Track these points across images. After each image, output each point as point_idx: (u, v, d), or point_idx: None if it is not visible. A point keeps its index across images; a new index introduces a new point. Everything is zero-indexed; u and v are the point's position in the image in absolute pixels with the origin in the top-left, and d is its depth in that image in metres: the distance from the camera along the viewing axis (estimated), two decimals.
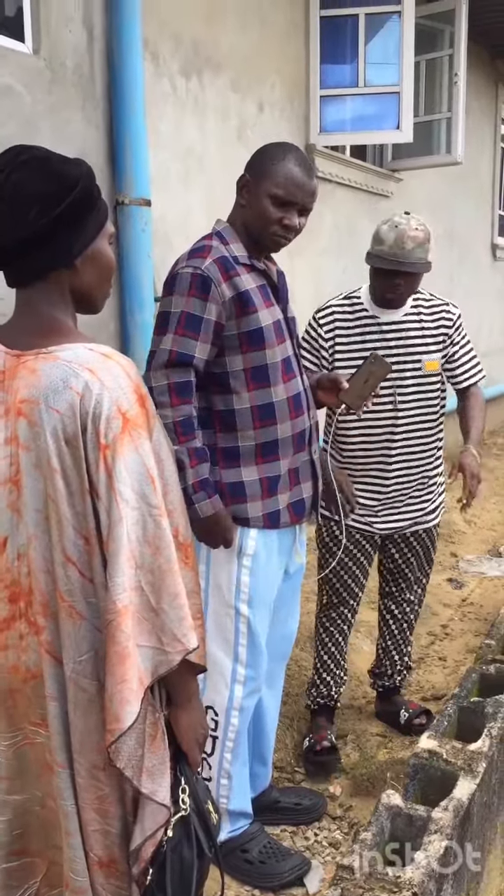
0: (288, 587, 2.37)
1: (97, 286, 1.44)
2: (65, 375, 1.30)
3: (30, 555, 1.36)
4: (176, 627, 1.35)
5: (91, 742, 1.38)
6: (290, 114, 4.66)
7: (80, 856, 1.40)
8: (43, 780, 1.47)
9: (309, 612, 4.01)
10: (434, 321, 2.76)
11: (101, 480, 1.29)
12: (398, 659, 3.11)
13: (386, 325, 2.72)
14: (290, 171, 2.05)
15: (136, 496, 1.31)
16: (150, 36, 3.40)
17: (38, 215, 1.30)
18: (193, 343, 2.00)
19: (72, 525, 1.32)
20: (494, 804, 2.13)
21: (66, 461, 1.31)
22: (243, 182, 2.11)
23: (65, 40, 3.01)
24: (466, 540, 5.38)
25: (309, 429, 2.22)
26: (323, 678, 2.99)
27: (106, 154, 3.23)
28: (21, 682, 1.41)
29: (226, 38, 3.98)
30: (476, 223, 7.78)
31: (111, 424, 1.29)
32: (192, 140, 3.81)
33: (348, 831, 2.55)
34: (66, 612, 1.35)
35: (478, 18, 6.16)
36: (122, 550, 1.29)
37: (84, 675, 1.36)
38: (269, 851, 2.34)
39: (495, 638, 2.74)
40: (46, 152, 1.37)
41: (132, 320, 3.33)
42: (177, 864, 1.42)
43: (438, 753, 2.00)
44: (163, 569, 1.34)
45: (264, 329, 2.06)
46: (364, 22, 4.80)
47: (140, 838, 1.37)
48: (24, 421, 1.33)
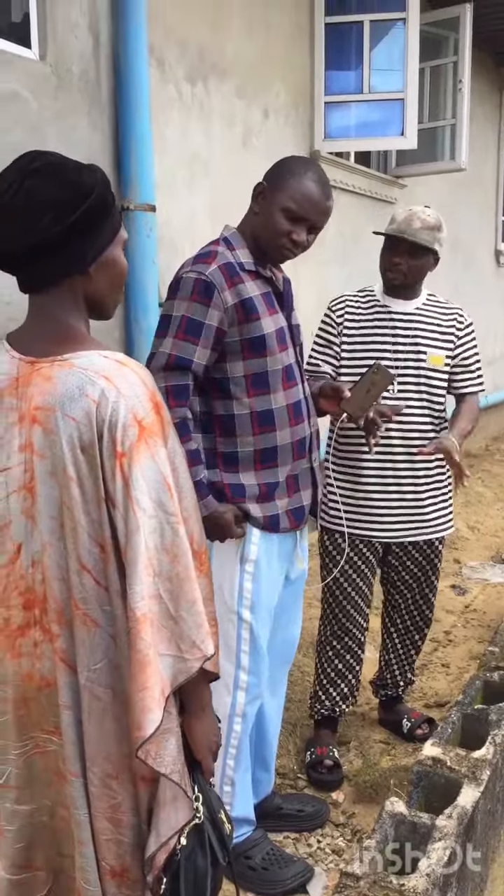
0: (290, 593, 2.37)
1: (110, 293, 1.44)
2: (80, 383, 1.30)
3: (44, 562, 1.36)
4: (194, 634, 1.35)
5: (104, 751, 1.37)
6: (295, 120, 4.67)
7: (93, 865, 1.40)
8: (53, 789, 1.46)
9: (311, 617, 4.01)
10: (446, 320, 2.79)
11: (118, 488, 1.29)
12: (398, 673, 3.08)
13: (396, 314, 2.76)
14: (307, 187, 2.05)
15: (154, 504, 1.31)
16: (155, 42, 3.41)
17: (52, 222, 1.30)
18: (193, 348, 2.00)
19: (87, 533, 1.32)
20: (498, 812, 2.13)
21: (81, 469, 1.31)
22: (259, 190, 2.11)
23: (71, 46, 3.02)
24: (470, 546, 5.38)
25: (309, 437, 2.22)
26: (328, 692, 2.94)
27: (111, 159, 3.24)
28: (35, 689, 1.41)
29: (231, 45, 3.99)
30: (480, 230, 7.79)
31: (127, 432, 1.29)
32: (197, 146, 3.82)
33: (351, 838, 2.54)
34: (80, 619, 1.34)
35: (482, 25, 6.18)
36: (139, 559, 1.29)
37: (98, 684, 1.36)
38: (272, 858, 2.33)
39: (499, 645, 2.74)
40: (61, 158, 1.37)
41: (137, 326, 3.34)
42: (191, 872, 1.41)
43: (442, 761, 1.99)
44: (181, 576, 1.34)
45: (266, 336, 2.07)
46: (369, 28, 4.82)
47: (155, 845, 1.36)
48: (40, 428, 1.32)
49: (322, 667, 2.97)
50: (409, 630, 3.04)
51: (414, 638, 3.05)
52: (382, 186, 5.72)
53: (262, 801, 2.50)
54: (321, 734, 2.96)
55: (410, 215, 2.65)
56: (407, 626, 3.03)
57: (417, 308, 2.77)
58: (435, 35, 5.70)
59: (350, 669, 2.94)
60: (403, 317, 2.75)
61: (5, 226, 1.31)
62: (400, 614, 3.03)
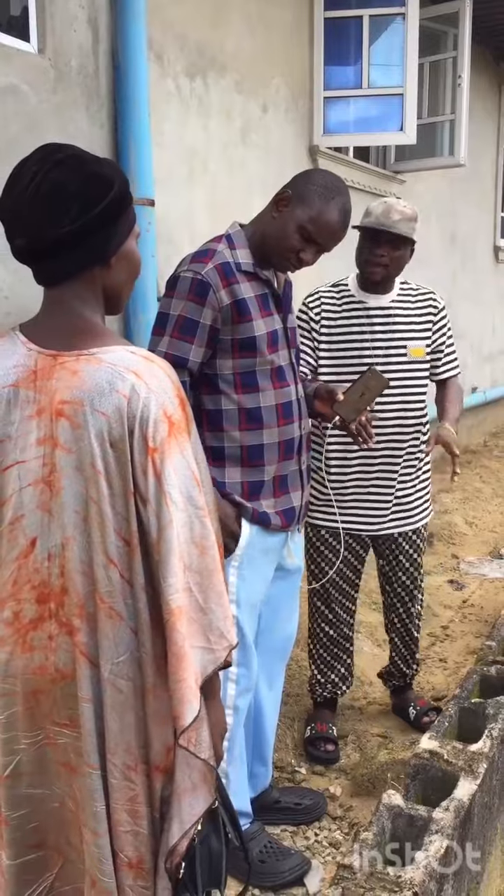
0: (286, 587, 2.38)
1: (126, 285, 1.45)
2: (111, 378, 1.31)
3: (65, 556, 1.37)
4: (222, 625, 1.37)
5: (125, 742, 1.39)
6: (295, 115, 4.66)
7: (108, 857, 1.41)
8: (62, 781, 1.47)
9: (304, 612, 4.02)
10: (420, 308, 2.81)
11: (150, 483, 1.31)
12: (402, 664, 3.14)
13: (373, 309, 2.77)
14: (330, 214, 2.06)
15: (184, 498, 1.33)
16: (154, 36, 3.41)
17: (79, 213, 1.31)
18: (188, 346, 2.03)
19: (113, 527, 1.33)
20: (495, 805, 2.13)
21: (110, 464, 1.32)
22: (283, 196, 2.09)
23: (70, 40, 3.02)
24: (467, 542, 5.38)
25: (299, 438, 2.23)
26: (327, 676, 3.02)
27: (110, 154, 3.24)
28: (49, 682, 1.41)
29: (230, 40, 3.98)
30: (479, 225, 7.78)
31: (158, 428, 1.31)
32: (196, 140, 3.82)
33: (349, 831, 2.56)
34: (105, 613, 1.35)
35: (482, 21, 6.16)
36: (173, 552, 1.30)
37: (121, 677, 1.37)
38: (270, 851, 2.35)
39: (496, 639, 2.74)
40: (81, 151, 1.38)
41: (136, 321, 3.34)
42: (206, 855, 1.43)
43: (439, 754, 2.00)
44: (209, 568, 1.36)
45: (257, 338, 2.09)
46: (368, 24, 4.80)
47: (179, 833, 1.38)
48: (66, 422, 1.33)
49: (319, 654, 3.03)
50: (403, 620, 3.10)
51: (408, 631, 3.10)
52: (381, 182, 5.71)
53: (260, 794, 2.51)
54: (322, 712, 3.05)
55: (388, 207, 2.66)
56: (402, 617, 3.09)
57: (392, 301, 2.79)
58: (434, 30, 5.69)
59: (345, 652, 3.03)
60: (380, 311, 2.77)
61: (31, 217, 1.32)
62: (397, 605, 3.08)
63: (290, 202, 2.08)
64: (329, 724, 2.98)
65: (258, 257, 2.13)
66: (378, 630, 3.86)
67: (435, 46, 5.77)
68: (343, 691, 3.06)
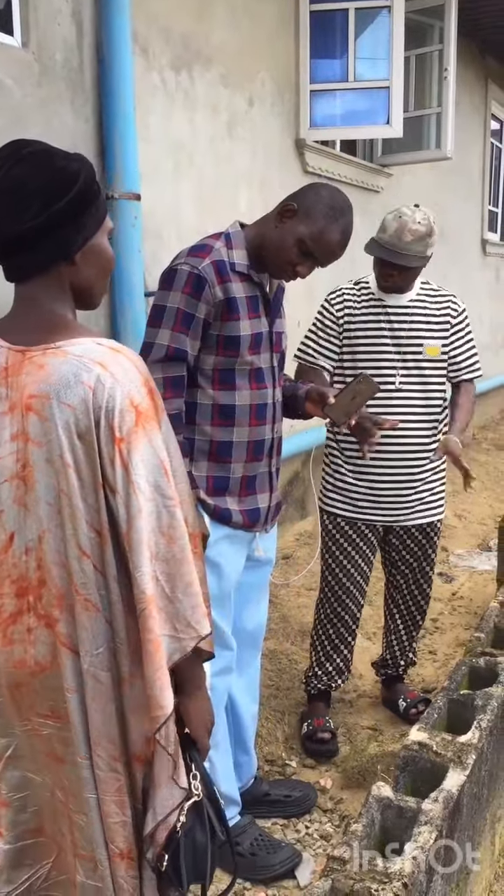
0: (255, 577, 2.38)
1: (97, 281, 1.44)
2: (76, 370, 1.31)
3: (42, 548, 1.37)
4: (190, 615, 1.37)
5: (108, 733, 1.40)
6: (281, 108, 4.66)
7: (102, 844, 1.42)
8: (51, 771, 1.48)
9: (300, 605, 4.03)
10: (439, 309, 2.85)
11: (118, 474, 1.31)
12: (399, 653, 3.17)
13: (391, 308, 2.82)
14: (332, 235, 2.09)
15: (151, 488, 1.33)
16: (139, 30, 3.39)
17: (40, 208, 1.31)
18: (186, 339, 2.05)
19: (85, 519, 1.34)
20: (484, 796, 2.14)
21: (78, 455, 1.32)
22: (288, 208, 2.11)
23: (54, 34, 3.00)
24: (457, 534, 5.40)
25: (270, 441, 2.25)
26: (325, 667, 3.04)
27: (96, 148, 3.23)
28: (28, 675, 1.42)
29: (216, 33, 3.97)
30: (466, 218, 7.79)
31: (125, 418, 1.30)
32: (181, 134, 3.81)
33: (339, 824, 2.56)
34: (81, 605, 1.36)
35: (468, 14, 6.16)
36: (143, 541, 1.31)
37: (100, 668, 1.38)
38: (260, 844, 2.35)
39: (485, 631, 2.75)
40: (48, 146, 1.38)
41: (122, 315, 3.33)
42: (190, 848, 1.44)
43: (428, 745, 2.01)
44: (177, 558, 1.36)
45: (242, 338, 2.10)
46: (354, 16, 4.80)
47: (152, 822, 1.40)
48: (35, 416, 1.33)
49: (321, 642, 3.05)
50: (409, 608, 3.12)
51: (414, 616, 3.13)
52: (369, 175, 5.71)
53: (250, 787, 2.52)
54: (317, 706, 3.07)
55: (401, 227, 2.64)
56: (408, 604, 3.12)
57: (411, 300, 2.84)
58: (420, 23, 5.68)
59: (346, 645, 3.05)
60: (399, 309, 2.82)
61: None
62: (401, 593, 3.11)
63: (295, 214, 2.10)
64: (326, 719, 2.99)
65: (254, 261, 2.15)
66: (368, 623, 3.88)
67: (421, 39, 5.77)
68: (338, 685, 3.07)
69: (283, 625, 3.79)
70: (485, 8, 6.45)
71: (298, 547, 4.85)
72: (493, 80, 8.12)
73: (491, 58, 7.92)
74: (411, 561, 3.03)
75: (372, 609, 4.00)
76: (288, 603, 4.09)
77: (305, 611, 3.91)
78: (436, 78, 5.78)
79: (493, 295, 8.79)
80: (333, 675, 3.04)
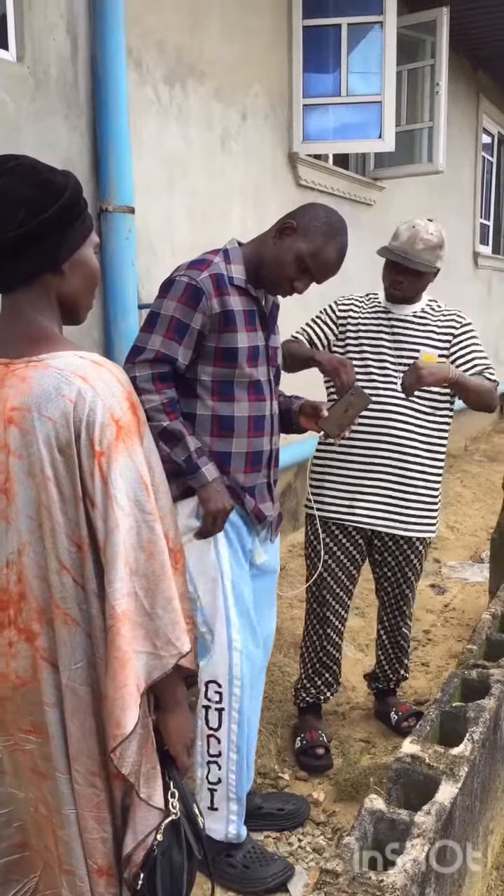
0: (262, 585, 2.40)
1: (82, 294, 1.45)
2: (57, 383, 1.31)
3: (23, 562, 1.37)
4: (170, 631, 1.36)
5: (87, 748, 1.39)
6: (274, 122, 4.69)
7: (82, 863, 1.41)
8: (34, 786, 1.47)
9: (292, 617, 4.03)
10: (442, 324, 2.88)
11: (97, 487, 1.30)
12: (388, 669, 3.16)
13: (395, 316, 2.87)
14: (329, 253, 2.16)
15: (131, 503, 1.32)
16: (133, 44, 3.41)
17: (26, 217, 1.32)
18: (178, 347, 2.11)
19: (65, 532, 1.33)
20: (476, 808, 2.14)
21: (59, 469, 1.32)
22: (287, 226, 2.17)
23: (49, 48, 3.02)
24: (449, 546, 5.41)
25: (268, 452, 2.29)
26: (313, 681, 3.03)
27: (90, 161, 3.24)
28: (11, 689, 1.41)
29: (209, 47, 4.00)
30: (458, 232, 7.84)
31: (105, 432, 1.30)
32: (175, 148, 3.83)
33: (332, 837, 2.56)
34: (61, 619, 1.35)
35: (459, 29, 6.22)
36: (119, 556, 1.30)
37: (79, 682, 1.37)
38: (253, 857, 2.34)
39: (477, 643, 2.76)
40: (35, 161, 1.39)
41: (116, 328, 3.34)
42: (166, 867, 1.43)
43: (421, 758, 2.01)
44: (157, 574, 1.35)
45: (239, 350, 2.15)
46: (346, 32, 4.84)
47: (132, 843, 1.38)
48: (16, 429, 1.33)
49: (310, 653, 3.05)
50: (393, 619, 3.11)
51: (399, 627, 3.11)
52: (361, 189, 5.74)
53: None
54: (308, 719, 3.05)
55: (413, 236, 2.71)
56: (392, 622, 3.11)
57: (415, 313, 2.88)
58: (412, 38, 5.74)
59: (332, 659, 3.03)
60: (402, 318, 2.86)
61: None
62: (385, 610, 3.10)
63: (293, 233, 2.15)
64: (319, 732, 2.97)
65: (252, 276, 2.20)
66: (360, 635, 3.88)
67: (413, 54, 5.82)
68: (327, 697, 3.07)
69: (276, 637, 3.78)
70: (476, 23, 6.53)
71: (291, 559, 4.85)
72: (484, 95, 8.19)
73: (482, 72, 7.99)
74: (390, 576, 3.01)
75: (364, 621, 4.00)
76: (280, 615, 4.08)
77: (298, 623, 3.90)
78: (428, 92, 5.82)
79: (484, 307, 8.84)
80: (322, 688, 3.03)
